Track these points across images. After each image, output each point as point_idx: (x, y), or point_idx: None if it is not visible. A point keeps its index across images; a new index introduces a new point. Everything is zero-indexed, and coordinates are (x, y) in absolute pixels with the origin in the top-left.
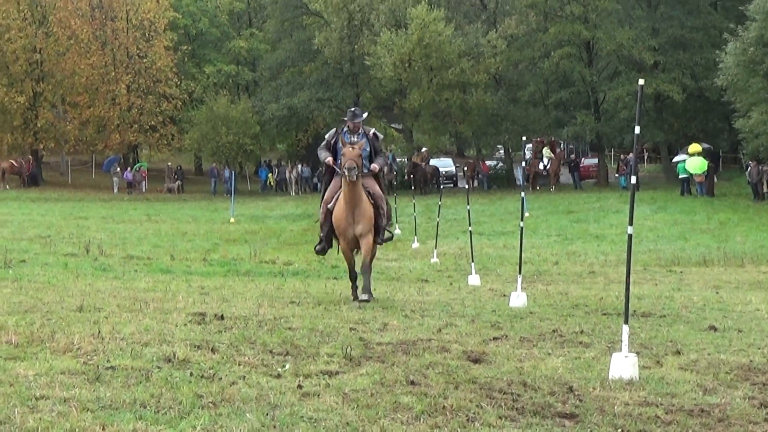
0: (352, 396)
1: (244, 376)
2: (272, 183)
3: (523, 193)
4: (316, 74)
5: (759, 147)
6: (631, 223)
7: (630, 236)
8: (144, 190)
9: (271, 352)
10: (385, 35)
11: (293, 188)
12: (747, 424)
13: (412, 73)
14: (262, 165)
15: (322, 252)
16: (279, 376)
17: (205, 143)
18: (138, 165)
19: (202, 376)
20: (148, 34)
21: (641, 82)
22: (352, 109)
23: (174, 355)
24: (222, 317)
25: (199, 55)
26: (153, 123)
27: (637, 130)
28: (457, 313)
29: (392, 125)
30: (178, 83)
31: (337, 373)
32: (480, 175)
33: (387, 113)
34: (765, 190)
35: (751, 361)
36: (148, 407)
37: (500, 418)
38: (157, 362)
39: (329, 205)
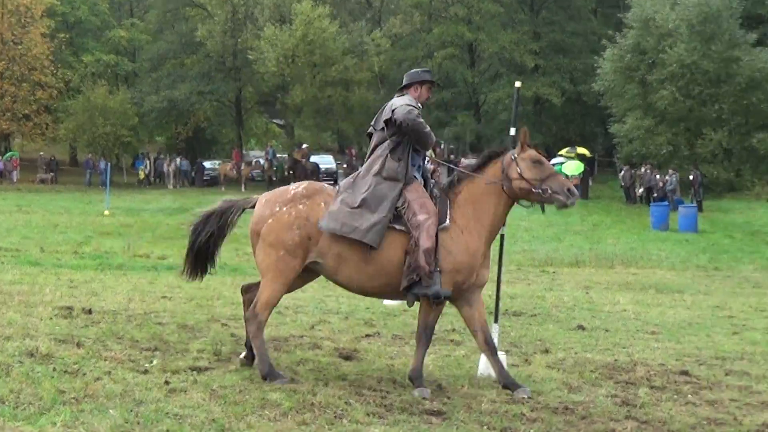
0: (220, 392)
1: (110, 372)
2: (144, 175)
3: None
4: (197, 67)
5: (632, 152)
6: (503, 224)
7: (503, 236)
8: (15, 180)
9: (139, 347)
10: (269, 30)
11: (171, 182)
12: (608, 422)
13: (296, 69)
14: (139, 157)
15: None
16: (146, 371)
17: (81, 134)
18: (9, 154)
19: (66, 372)
20: (24, 20)
21: (518, 84)
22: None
23: (37, 350)
24: (90, 311)
25: (77, 44)
26: (27, 111)
27: (513, 131)
28: (331, 310)
29: (274, 121)
30: (55, 71)
31: (206, 369)
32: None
33: (269, 108)
34: (637, 193)
35: (615, 360)
36: (6, 403)
37: (368, 415)
38: (19, 357)
39: None
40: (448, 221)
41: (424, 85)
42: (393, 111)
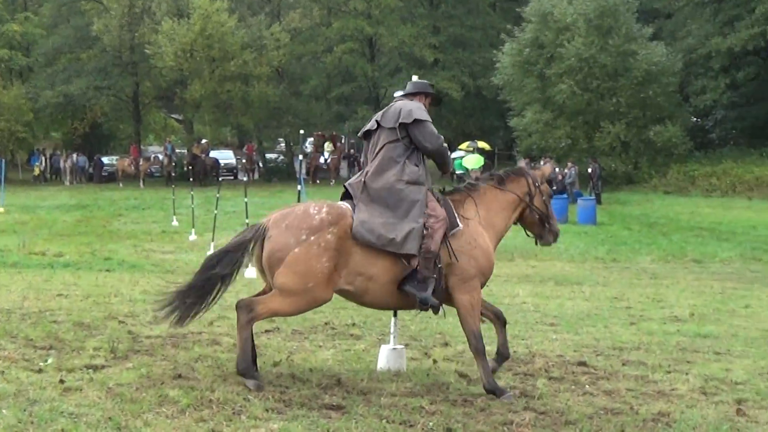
0: (117, 390)
1: (3, 372)
2: (39, 172)
3: (300, 186)
4: (94, 62)
5: (532, 145)
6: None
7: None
8: None
9: (33, 346)
10: (167, 24)
11: (68, 178)
12: (507, 413)
13: (194, 64)
14: (35, 153)
15: None
16: (40, 370)
17: None
18: None
19: None
20: None
21: (415, 78)
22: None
23: None
24: None
25: None
26: None
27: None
28: (231, 305)
29: (172, 116)
30: None
31: (102, 367)
32: (259, 166)
33: (167, 103)
34: None
35: (514, 351)
36: None
37: (267, 410)
38: None
39: None
40: (461, 225)
41: (428, 98)
42: (414, 120)
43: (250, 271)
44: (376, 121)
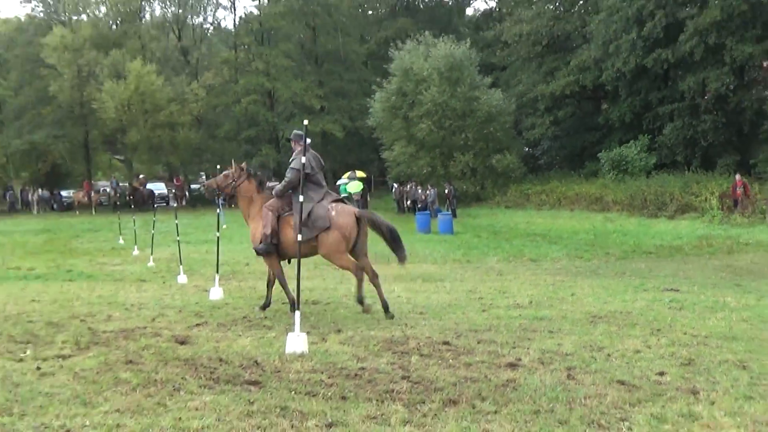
0: (82, 374)
1: None
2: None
3: (219, 210)
4: (52, 115)
5: (400, 172)
6: (300, 232)
7: (300, 242)
8: None
9: (15, 340)
10: (108, 84)
11: (35, 208)
12: (389, 383)
13: (131, 115)
14: (8, 189)
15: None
16: (21, 360)
17: None
18: None
19: None
20: None
21: (306, 122)
22: (297, 132)
23: None
24: None
25: None
26: None
27: (304, 160)
28: (168, 305)
29: (116, 156)
30: None
31: (69, 356)
32: (186, 194)
33: (111, 147)
34: (405, 205)
35: (393, 335)
36: None
37: (200, 387)
38: None
39: None
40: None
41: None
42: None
43: (182, 277)
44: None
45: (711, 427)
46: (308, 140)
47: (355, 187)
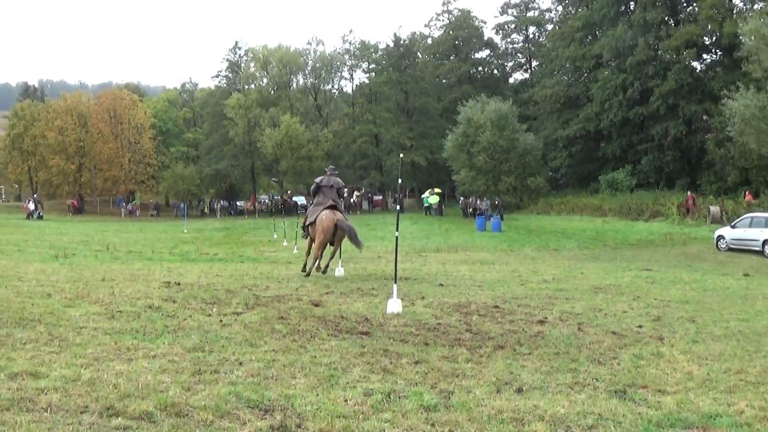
0: (249, 325)
1: (191, 315)
2: (206, 210)
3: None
4: (230, 152)
5: (465, 190)
6: (397, 230)
7: (397, 237)
8: (137, 215)
9: (205, 302)
10: (268, 131)
11: (218, 214)
12: (457, 334)
13: (282, 151)
14: (201, 201)
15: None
16: (209, 315)
17: (171, 189)
18: (134, 201)
19: (168, 316)
20: (140, 131)
21: (401, 155)
22: (330, 167)
23: (153, 305)
24: (179, 283)
25: (167, 142)
26: (142, 179)
27: (400, 181)
28: (307, 279)
29: (273, 179)
30: (156, 157)
31: (241, 313)
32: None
33: (269, 172)
34: (469, 212)
35: (459, 301)
36: (138, 332)
37: (328, 335)
38: (144, 309)
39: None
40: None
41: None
42: (341, 187)
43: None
44: (319, 183)
45: (671, 361)
46: (336, 170)
47: (434, 199)
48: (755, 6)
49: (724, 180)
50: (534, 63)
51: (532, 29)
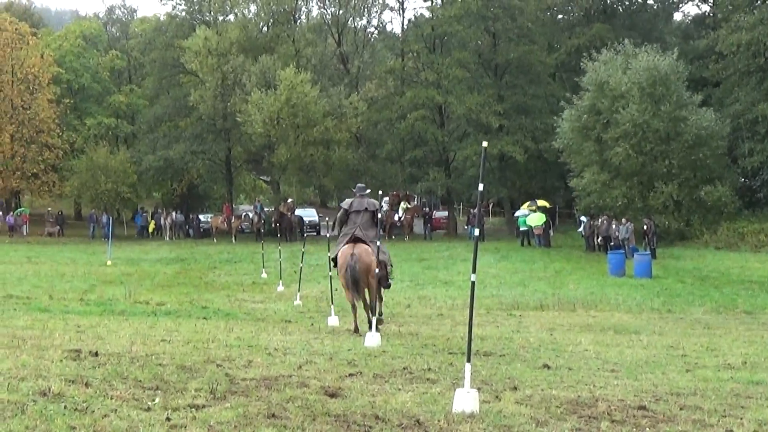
0: (217, 428)
1: (116, 410)
2: (154, 228)
3: (378, 242)
4: (190, 129)
5: (590, 204)
6: (474, 271)
7: (473, 283)
8: (25, 233)
9: (142, 386)
10: (256, 94)
11: (168, 234)
12: None
13: (280, 130)
14: (138, 212)
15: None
16: (149, 409)
17: (85, 190)
18: (19, 210)
19: (76, 409)
20: (32, 88)
21: (485, 144)
22: (360, 185)
23: (49, 389)
24: (96, 354)
25: (80, 108)
26: (35, 170)
27: (481, 187)
28: (317, 351)
29: (261, 177)
30: (60, 134)
31: (203, 406)
32: None
33: (256, 166)
34: (596, 242)
35: (578, 396)
36: None
37: None
38: (33, 396)
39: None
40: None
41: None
42: (376, 210)
43: (333, 319)
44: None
45: None
46: (366, 189)
47: (536, 219)
48: None
49: None
50: None
51: None
